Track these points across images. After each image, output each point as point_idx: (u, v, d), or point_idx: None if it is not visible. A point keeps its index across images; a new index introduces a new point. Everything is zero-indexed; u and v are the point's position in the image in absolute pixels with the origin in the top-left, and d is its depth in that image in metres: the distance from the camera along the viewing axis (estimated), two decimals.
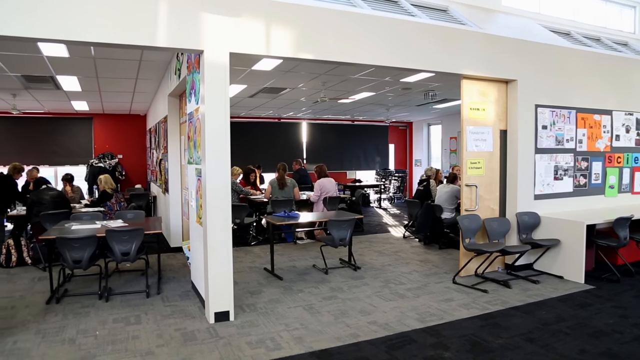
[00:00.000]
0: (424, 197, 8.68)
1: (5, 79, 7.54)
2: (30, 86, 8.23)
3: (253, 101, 10.65)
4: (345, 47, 4.83)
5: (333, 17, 4.75)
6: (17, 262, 6.56)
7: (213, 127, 4.24)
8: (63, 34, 3.75)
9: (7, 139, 11.54)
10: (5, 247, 6.55)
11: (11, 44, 5.46)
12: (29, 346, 3.83)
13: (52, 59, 6.28)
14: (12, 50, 5.86)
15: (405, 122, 16.65)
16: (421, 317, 4.42)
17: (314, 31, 4.67)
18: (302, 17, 4.60)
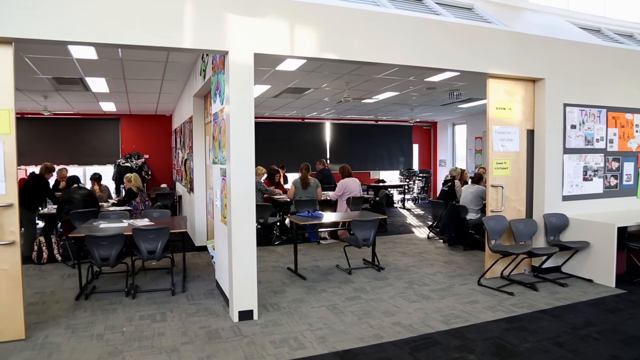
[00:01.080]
0: (449, 197, 8.59)
1: (38, 81, 7.76)
2: (60, 88, 8.45)
3: (277, 101, 10.70)
4: (369, 46, 4.81)
5: (357, 17, 4.73)
6: (48, 259, 6.73)
7: (238, 127, 4.28)
8: (92, 36, 3.85)
9: (38, 140, 11.86)
10: (37, 244, 6.74)
11: (43, 47, 5.62)
12: (59, 340, 3.93)
13: (82, 61, 6.43)
14: (44, 54, 6.03)
15: (430, 122, 16.50)
16: (445, 319, 4.37)
17: (338, 31, 4.66)
18: (326, 17, 4.60)
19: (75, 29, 3.78)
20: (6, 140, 3.81)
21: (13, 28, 3.63)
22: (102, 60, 6.38)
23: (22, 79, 7.42)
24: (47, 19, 3.70)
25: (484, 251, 5.93)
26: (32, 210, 7.13)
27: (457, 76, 7.67)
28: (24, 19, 3.64)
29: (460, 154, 15.70)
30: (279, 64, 6.79)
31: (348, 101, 9.38)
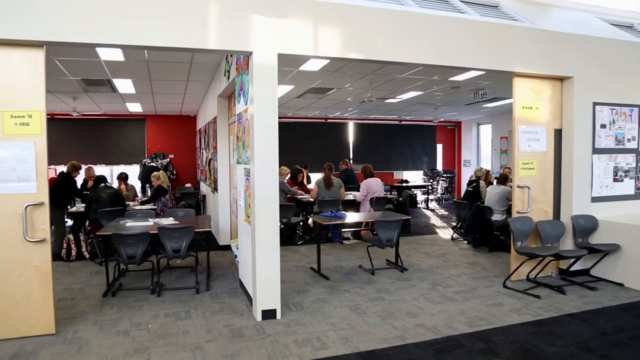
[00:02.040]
0: (473, 198, 8.48)
1: (67, 83, 7.95)
2: (89, 89, 8.63)
3: (300, 101, 10.73)
4: (393, 46, 4.78)
5: (381, 16, 4.71)
6: (77, 256, 6.90)
7: (262, 128, 4.30)
8: (120, 38, 3.93)
9: (67, 140, 12.14)
10: (66, 241, 6.91)
11: (72, 49, 5.74)
12: (87, 336, 4.02)
13: (109, 63, 6.56)
14: (73, 56, 6.17)
15: (454, 122, 16.32)
16: (470, 321, 4.31)
17: (362, 31, 4.64)
18: (350, 17, 4.58)
19: (103, 32, 3.87)
20: (37, 141, 3.91)
21: (44, 32, 3.73)
22: (128, 61, 6.49)
23: (53, 81, 7.61)
24: (76, 22, 3.79)
25: (509, 253, 5.83)
26: (62, 208, 7.29)
27: (482, 75, 7.56)
28: (54, 23, 3.74)
29: (485, 154, 15.48)
30: (302, 64, 6.81)
31: (371, 101, 9.34)
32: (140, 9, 3.93)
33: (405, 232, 8.90)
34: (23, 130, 3.88)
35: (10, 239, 3.89)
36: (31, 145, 3.90)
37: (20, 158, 3.88)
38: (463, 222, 8.34)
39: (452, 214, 12.23)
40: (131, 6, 3.91)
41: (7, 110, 3.84)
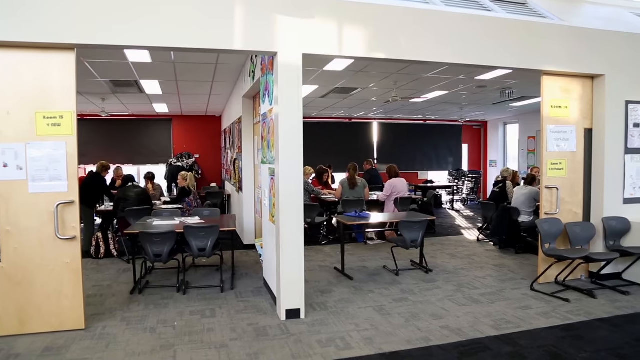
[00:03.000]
0: (500, 199, 8.35)
1: (96, 85, 8.13)
2: (117, 90, 8.81)
3: (324, 101, 10.74)
4: (418, 45, 4.74)
5: (406, 15, 4.68)
6: (105, 254, 7.05)
7: (286, 128, 4.32)
8: (148, 40, 4.01)
9: (96, 140, 12.41)
10: (94, 239, 7.06)
11: (102, 52, 5.88)
12: (115, 332, 4.10)
13: (137, 64, 6.68)
14: (102, 58, 6.31)
15: (480, 121, 16.09)
16: (496, 324, 4.24)
17: (387, 30, 4.62)
18: (375, 16, 4.56)
19: (130, 34, 3.94)
20: (68, 141, 4.01)
21: (75, 35, 3.83)
22: (155, 63, 6.61)
23: (83, 83, 7.80)
24: (104, 25, 3.87)
25: (536, 255, 5.71)
26: (91, 207, 7.46)
27: (509, 74, 7.44)
28: (84, 27, 3.83)
29: (512, 154, 15.22)
30: (327, 64, 6.81)
31: (396, 101, 9.28)
32: (166, 11, 3.99)
33: (430, 232, 8.81)
34: (55, 130, 3.98)
35: (43, 236, 4.00)
36: (62, 145, 4.00)
37: (52, 158, 3.99)
38: (489, 224, 8.22)
39: (477, 215, 12.07)
40: (158, 8, 3.97)
41: (40, 111, 3.95)
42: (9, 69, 3.90)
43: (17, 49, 3.88)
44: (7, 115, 3.91)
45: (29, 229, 3.99)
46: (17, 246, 3.98)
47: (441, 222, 10.80)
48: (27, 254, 3.99)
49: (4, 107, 3.89)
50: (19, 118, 3.93)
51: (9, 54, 3.88)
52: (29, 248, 3.99)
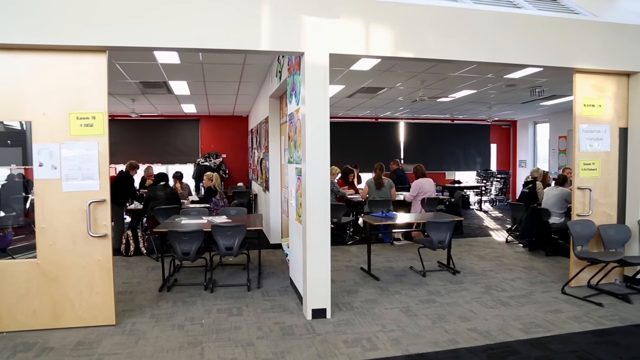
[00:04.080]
0: (530, 200, 8.17)
1: (127, 86, 8.30)
2: (146, 91, 8.98)
3: (351, 101, 10.72)
4: (446, 44, 4.68)
5: (433, 14, 4.62)
6: (135, 252, 7.20)
7: (313, 128, 4.33)
8: (176, 42, 4.07)
9: (126, 140, 12.68)
10: (124, 237, 7.22)
11: (132, 53, 6.01)
12: (145, 328, 4.18)
13: (166, 65, 6.80)
14: (133, 60, 6.44)
15: (509, 121, 15.80)
16: (526, 328, 4.16)
17: (414, 29, 4.57)
18: (402, 15, 4.52)
19: (161, 36, 4.02)
20: (100, 141, 4.11)
21: (107, 37, 3.93)
22: (184, 64, 6.71)
23: (113, 84, 7.97)
24: (135, 28, 3.96)
25: (568, 257, 5.58)
26: (121, 205, 7.62)
27: (539, 72, 7.29)
28: (115, 29, 3.93)
29: (542, 154, 14.89)
30: (353, 64, 6.80)
31: (423, 100, 9.20)
32: (195, 13, 4.05)
33: (458, 233, 8.70)
34: (87, 131, 4.09)
35: (76, 234, 4.11)
36: (94, 145, 4.10)
37: (84, 157, 4.09)
38: (518, 225, 8.07)
39: (506, 215, 11.87)
40: (186, 11, 4.03)
41: (74, 112, 4.07)
42: (45, 71, 4.03)
43: (52, 52, 4.00)
44: (43, 116, 4.03)
45: (63, 227, 4.10)
46: (52, 243, 4.10)
47: (469, 223, 10.65)
48: (60, 250, 4.11)
49: (40, 108, 4.02)
50: (54, 119, 4.05)
51: (45, 57, 4.01)
52: (62, 245, 4.11)
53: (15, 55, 3.97)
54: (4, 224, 6.39)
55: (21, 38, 3.83)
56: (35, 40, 3.85)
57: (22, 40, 3.83)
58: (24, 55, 3.98)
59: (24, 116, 4.10)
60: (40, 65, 4.02)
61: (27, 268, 4.11)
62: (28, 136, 4.14)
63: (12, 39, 3.82)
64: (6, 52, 3.95)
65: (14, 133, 6.79)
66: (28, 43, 3.86)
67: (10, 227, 6.41)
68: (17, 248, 5.82)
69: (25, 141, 4.70)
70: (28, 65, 4.00)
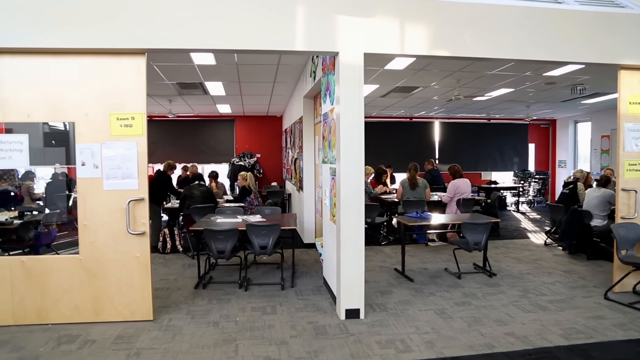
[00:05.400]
0: (570, 201, 7.92)
1: (164, 87, 8.49)
2: (183, 92, 9.17)
3: (384, 101, 10.65)
4: (483, 41, 4.58)
5: (470, 11, 4.53)
6: (171, 249, 7.36)
7: (348, 127, 4.32)
8: (213, 44, 4.13)
9: (163, 140, 12.99)
10: (161, 235, 7.38)
11: (169, 55, 6.15)
12: (181, 324, 4.27)
13: (202, 67, 6.92)
14: (170, 61, 6.58)
15: (548, 120, 15.37)
16: (566, 334, 4.03)
17: (450, 27, 4.49)
18: (437, 13, 4.45)
19: (197, 38, 4.09)
20: (139, 141, 4.21)
21: (146, 40, 4.04)
22: (219, 65, 6.81)
23: (151, 85, 8.17)
24: (172, 30, 4.05)
25: (611, 262, 5.37)
26: (158, 204, 7.80)
27: (581, 69, 7.07)
28: (154, 32, 4.03)
29: (584, 154, 14.41)
30: (388, 63, 6.76)
31: (459, 99, 9.06)
32: (230, 15, 4.10)
33: (494, 235, 8.53)
34: (127, 131, 4.20)
35: (116, 231, 4.23)
36: (134, 145, 4.21)
37: (124, 157, 4.20)
38: (558, 227, 7.83)
39: (545, 217, 11.55)
40: (222, 13, 4.09)
41: (114, 113, 4.19)
42: (88, 73, 4.17)
43: (95, 55, 4.14)
44: (85, 117, 4.17)
45: (103, 224, 4.23)
46: (93, 240, 4.23)
47: (505, 224, 10.42)
48: (101, 247, 4.24)
49: (83, 109, 4.16)
50: (95, 119, 4.18)
51: (88, 60, 4.15)
52: (103, 242, 4.24)
53: (61, 59, 4.13)
54: (49, 221, 6.63)
55: (68, 43, 3.97)
56: (81, 44, 3.98)
57: (68, 44, 3.98)
58: (69, 59, 4.13)
59: (68, 117, 4.25)
60: (84, 68, 4.16)
61: (70, 264, 4.26)
62: (71, 136, 4.29)
63: (59, 44, 3.97)
64: (53, 56, 4.11)
65: (58, 133, 7.04)
66: (74, 47, 4.00)
67: (54, 224, 6.65)
68: (60, 244, 6.04)
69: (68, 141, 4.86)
70: (72, 69, 4.15)
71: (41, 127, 6.15)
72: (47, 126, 6.58)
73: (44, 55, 4.10)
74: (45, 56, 4.11)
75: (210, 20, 4.08)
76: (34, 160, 4.38)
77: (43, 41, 3.95)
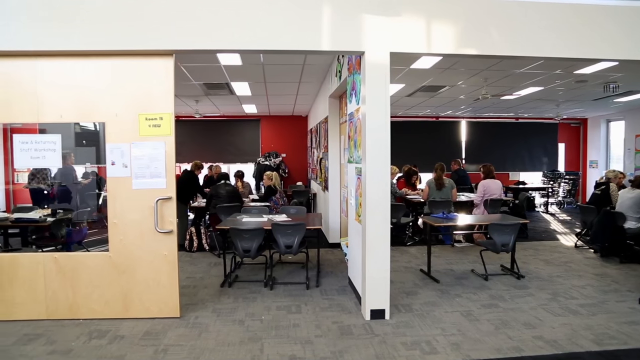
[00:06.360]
0: (602, 202, 7.71)
1: (191, 88, 8.61)
2: (209, 92, 9.28)
3: (410, 100, 10.57)
4: (511, 39, 4.48)
5: (498, 8, 4.45)
6: (198, 248, 7.46)
7: (373, 127, 4.30)
8: (238, 44, 4.17)
9: (189, 139, 13.16)
10: (188, 234, 7.49)
11: (196, 56, 6.22)
12: (207, 322, 4.32)
13: (228, 67, 6.99)
14: (197, 62, 6.67)
15: (579, 119, 15.00)
16: (597, 339, 3.92)
17: (478, 24, 4.42)
18: (464, 11, 4.38)
19: (224, 39, 4.13)
20: (167, 141, 4.28)
21: (174, 42, 4.09)
22: (245, 65, 6.86)
23: (179, 86, 8.29)
24: (199, 32, 4.09)
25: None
26: (185, 203, 7.91)
27: (614, 66, 6.87)
28: (181, 34, 4.08)
29: (617, 154, 14.00)
30: (414, 62, 6.70)
31: (486, 98, 8.92)
32: (256, 16, 4.12)
33: (522, 236, 8.37)
34: (155, 131, 4.27)
35: (144, 230, 4.31)
36: (162, 144, 4.28)
37: (152, 156, 4.28)
38: (589, 229, 7.63)
39: (575, 219, 11.28)
40: (248, 14, 4.11)
41: (143, 113, 4.27)
42: (118, 75, 4.26)
43: (124, 57, 4.23)
44: (116, 117, 4.26)
45: (132, 222, 4.32)
46: (122, 238, 4.32)
47: (534, 225, 10.22)
48: (130, 245, 4.33)
49: (113, 110, 4.26)
50: (125, 119, 4.27)
51: (118, 62, 4.24)
52: (132, 240, 4.33)
53: (92, 61, 4.23)
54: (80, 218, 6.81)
55: (99, 45, 4.06)
56: (111, 46, 4.07)
57: (99, 47, 4.07)
58: (100, 60, 4.23)
59: (99, 117, 4.34)
60: (114, 69, 4.26)
61: (100, 261, 4.36)
62: (101, 136, 4.39)
63: (91, 46, 4.07)
64: (84, 58, 4.22)
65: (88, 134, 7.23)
66: (104, 49, 4.09)
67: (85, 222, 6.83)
68: (90, 242, 6.19)
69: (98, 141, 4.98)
70: (103, 70, 4.25)
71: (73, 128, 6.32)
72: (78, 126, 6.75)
73: (76, 58, 4.22)
74: (77, 58, 4.22)
75: (236, 22, 4.11)
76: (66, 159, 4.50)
77: (75, 44, 4.05)
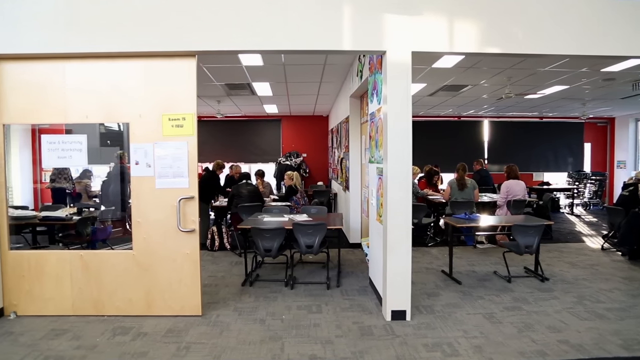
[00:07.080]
0: (630, 204, 7.52)
1: (213, 88, 8.69)
2: (231, 93, 9.35)
3: (432, 100, 10.48)
4: (536, 37, 4.40)
5: (521, 5, 4.37)
6: (219, 247, 7.53)
7: (395, 127, 4.27)
8: (259, 45, 4.20)
9: (211, 139, 13.28)
10: (210, 233, 7.56)
11: (218, 57, 6.28)
12: (228, 320, 4.36)
13: (249, 67, 7.03)
14: (219, 63, 6.73)
15: (606, 118, 14.66)
16: (626, 344, 3.82)
17: (501, 22, 4.35)
18: (487, 9, 4.32)
19: (246, 40, 4.16)
20: (190, 141, 4.33)
21: (196, 43, 4.15)
22: (266, 65, 6.89)
23: (201, 87, 8.37)
24: (221, 33, 4.14)
25: None
26: (206, 202, 7.99)
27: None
28: (203, 35, 4.13)
29: None
30: (436, 62, 6.64)
31: (509, 97, 8.78)
32: (278, 16, 4.14)
33: (547, 238, 8.22)
34: (178, 131, 4.33)
35: (167, 229, 4.37)
36: (184, 144, 4.33)
37: (175, 156, 4.33)
38: (616, 231, 7.45)
39: (601, 220, 11.04)
40: (270, 15, 4.13)
41: (166, 113, 4.32)
42: (142, 75, 4.33)
43: (148, 58, 4.29)
44: (139, 118, 4.32)
45: (155, 221, 4.38)
46: (146, 236, 4.39)
47: (559, 227, 10.02)
48: (153, 243, 4.39)
49: (137, 110, 4.32)
50: (149, 120, 4.33)
51: (142, 63, 4.31)
52: (155, 238, 4.39)
53: (117, 62, 4.31)
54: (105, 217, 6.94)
55: (123, 47, 4.14)
56: (135, 48, 4.14)
57: (124, 48, 4.15)
58: (124, 62, 4.31)
59: (123, 118, 4.41)
60: (138, 70, 4.32)
61: (124, 259, 4.43)
62: (125, 136, 4.46)
63: (116, 48, 4.15)
64: (109, 60, 4.30)
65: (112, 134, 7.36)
66: (129, 51, 4.17)
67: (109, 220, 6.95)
68: (115, 239, 6.30)
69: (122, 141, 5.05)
70: (127, 72, 4.33)
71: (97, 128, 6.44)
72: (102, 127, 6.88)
73: (101, 59, 4.29)
74: (102, 60, 4.30)
75: (258, 22, 4.14)
76: (91, 159, 4.59)
77: (101, 46, 4.14)
